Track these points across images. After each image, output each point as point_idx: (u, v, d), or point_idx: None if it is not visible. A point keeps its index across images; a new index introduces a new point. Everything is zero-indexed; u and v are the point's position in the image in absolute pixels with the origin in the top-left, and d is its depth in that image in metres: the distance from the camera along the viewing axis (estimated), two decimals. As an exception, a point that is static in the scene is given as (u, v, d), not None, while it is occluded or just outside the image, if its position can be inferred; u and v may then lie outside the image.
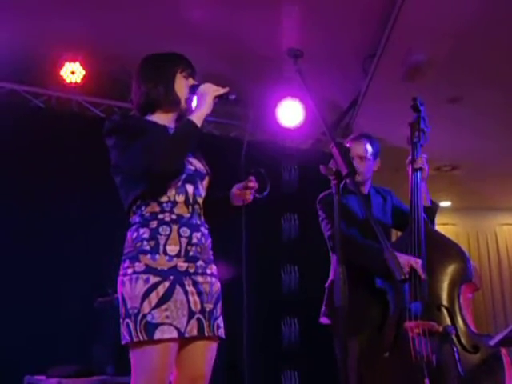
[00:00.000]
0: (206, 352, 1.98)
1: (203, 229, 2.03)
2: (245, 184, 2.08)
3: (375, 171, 3.10)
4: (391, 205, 3.13)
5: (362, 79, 4.50)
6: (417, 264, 2.66)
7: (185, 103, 2.11)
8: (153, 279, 1.86)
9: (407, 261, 2.64)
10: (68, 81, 4.32)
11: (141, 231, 1.94)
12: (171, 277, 1.88)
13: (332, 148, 1.75)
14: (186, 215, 1.98)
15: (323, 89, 4.04)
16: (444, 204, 7.09)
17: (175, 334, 1.85)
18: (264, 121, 4.82)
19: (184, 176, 2.00)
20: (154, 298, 1.84)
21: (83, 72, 4.32)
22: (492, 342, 2.45)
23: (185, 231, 1.95)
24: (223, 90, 2.06)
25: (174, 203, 1.97)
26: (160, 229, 1.93)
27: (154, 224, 1.94)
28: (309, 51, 1.99)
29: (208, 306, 1.96)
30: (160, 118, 2.09)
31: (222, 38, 3.98)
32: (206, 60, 3.20)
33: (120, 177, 2.02)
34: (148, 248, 1.90)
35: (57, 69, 4.31)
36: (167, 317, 1.84)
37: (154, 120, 2.08)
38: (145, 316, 1.83)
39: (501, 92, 4.49)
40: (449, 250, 2.85)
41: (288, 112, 4.86)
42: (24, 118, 4.18)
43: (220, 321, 2.00)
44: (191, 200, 2.01)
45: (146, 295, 1.84)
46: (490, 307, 7.31)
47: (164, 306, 1.84)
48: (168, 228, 1.94)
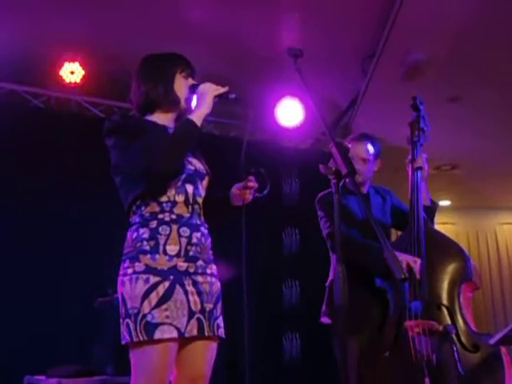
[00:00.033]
0: (206, 352, 1.98)
1: (203, 229, 2.03)
2: (244, 184, 2.08)
3: (375, 171, 3.10)
4: (390, 204, 3.12)
5: (362, 79, 4.50)
6: (415, 263, 2.66)
7: (184, 103, 2.11)
8: (153, 279, 1.86)
9: (405, 260, 2.64)
10: (67, 81, 4.32)
11: (141, 231, 1.94)
12: (171, 277, 1.89)
13: (331, 147, 1.75)
14: (186, 215, 1.98)
15: (323, 88, 4.04)
16: (444, 203, 7.09)
17: (175, 334, 1.85)
18: (264, 120, 4.82)
19: (184, 176, 2.00)
20: (154, 298, 1.84)
21: (83, 72, 4.32)
22: (492, 341, 2.46)
23: (185, 231, 1.95)
24: (223, 90, 2.06)
25: (174, 203, 1.97)
26: (160, 229, 1.93)
27: (154, 224, 1.94)
28: (308, 51, 1.99)
29: (208, 306, 1.96)
30: (159, 118, 2.09)
31: (222, 38, 3.98)
32: (206, 60, 3.19)
33: (120, 177, 2.02)
34: (148, 248, 1.91)
35: (56, 69, 4.31)
36: (167, 317, 1.84)
37: (154, 120, 2.08)
38: (145, 316, 1.83)
39: (500, 91, 4.49)
40: (449, 249, 2.85)
41: (287, 112, 4.86)
42: (24, 119, 4.18)
43: (220, 321, 2.01)
44: (191, 200, 2.01)
45: (146, 295, 1.85)
46: (490, 306, 7.31)
47: (164, 306, 1.84)
48: (168, 228, 1.94)
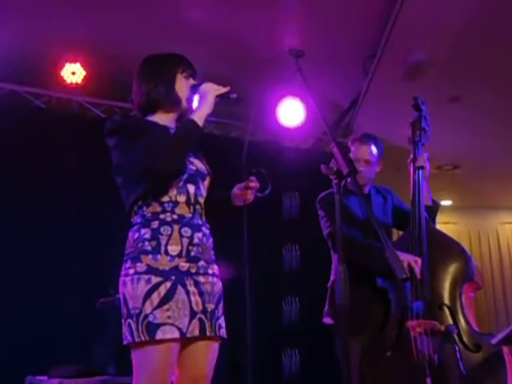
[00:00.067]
0: (208, 352, 1.98)
1: (204, 229, 2.03)
2: (246, 184, 2.08)
3: (377, 172, 3.10)
4: (392, 204, 3.12)
5: (363, 79, 4.50)
6: (416, 263, 2.66)
7: (185, 103, 2.11)
8: (154, 279, 1.86)
9: (406, 260, 2.64)
10: (69, 81, 4.32)
11: (142, 231, 1.94)
12: (173, 277, 1.88)
13: (333, 147, 1.75)
14: (188, 215, 1.98)
15: (324, 88, 4.04)
16: (445, 203, 7.08)
17: (177, 334, 1.85)
18: (265, 120, 4.82)
19: (185, 176, 2.00)
20: (156, 299, 1.84)
21: (84, 72, 4.32)
22: (494, 341, 2.46)
23: (186, 231, 1.95)
24: (224, 89, 2.07)
25: (176, 203, 1.97)
26: (161, 229, 1.93)
27: (156, 224, 1.94)
28: (309, 51, 1.99)
29: (210, 306, 1.96)
30: (161, 119, 2.09)
31: (223, 38, 3.98)
32: (207, 60, 3.19)
33: (121, 177, 2.02)
34: (149, 248, 1.90)
35: (57, 69, 4.31)
36: (169, 317, 1.84)
37: (155, 120, 2.08)
38: (147, 316, 1.83)
39: (501, 91, 4.49)
40: (450, 249, 2.84)
41: (289, 112, 4.85)
42: (25, 119, 4.18)
43: (222, 321, 2.00)
44: (192, 200, 2.00)
45: (148, 295, 1.85)
46: (492, 306, 7.31)
47: (166, 306, 1.84)
48: (169, 228, 1.93)
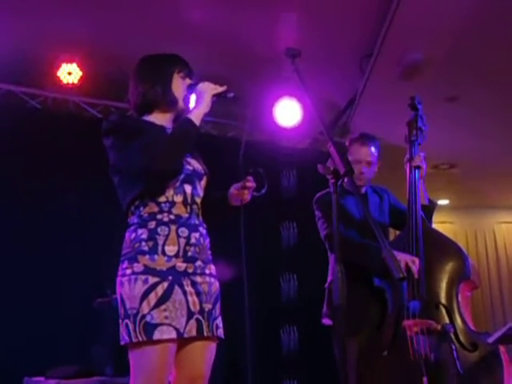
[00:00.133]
0: (205, 352, 1.98)
1: (201, 229, 2.03)
2: (243, 184, 2.08)
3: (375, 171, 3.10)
4: (388, 204, 3.12)
5: (360, 78, 4.50)
6: (413, 262, 2.66)
7: (182, 103, 2.11)
8: (151, 280, 1.86)
9: (403, 259, 2.64)
10: (65, 82, 4.31)
11: (139, 232, 1.94)
12: (170, 277, 1.88)
13: (330, 147, 1.76)
14: (185, 215, 1.98)
15: (321, 88, 4.04)
16: (442, 202, 7.09)
17: (174, 335, 1.85)
18: (262, 120, 4.81)
19: (182, 176, 2.00)
20: (153, 299, 1.84)
21: (80, 73, 4.31)
22: (490, 340, 2.47)
23: (183, 231, 1.95)
24: (221, 89, 2.07)
25: (173, 203, 1.97)
26: (158, 229, 1.93)
27: (153, 224, 1.93)
28: (306, 51, 1.99)
29: (207, 306, 1.96)
30: (157, 119, 2.09)
31: (220, 38, 3.97)
32: (204, 60, 3.19)
33: (118, 177, 2.01)
34: (146, 248, 1.90)
35: (54, 70, 4.30)
36: (166, 317, 1.84)
37: (152, 120, 2.08)
38: (144, 316, 1.83)
39: (498, 91, 4.50)
40: (447, 248, 2.85)
41: (286, 111, 4.85)
42: (21, 119, 4.17)
43: (219, 321, 2.01)
44: (189, 200, 2.00)
45: (145, 296, 1.84)
46: (489, 305, 7.32)
47: (163, 307, 1.84)
48: (166, 228, 1.93)
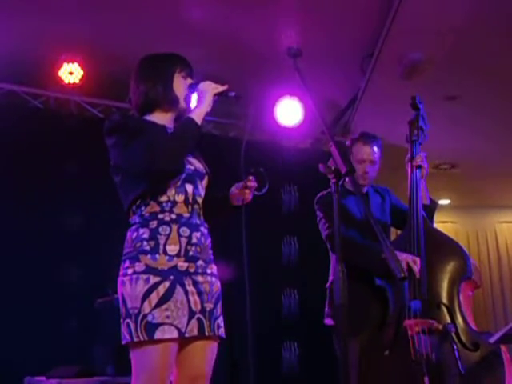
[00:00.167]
0: (207, 352, 1.99)
1: (203, 228, 2.03)
2: (244, 183, 2.07)
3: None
4: (389, 203, 3.12)
5: (361, 78, 4.50)
6: (415, 262, 2.66)
7: (183, 103, 2.11)
8: (153, 279, 1.86)
9: (405, 259, 2.64)
10: (66, 81, 4.31)
11: (140, 231, 1.94)
12: (171, 277, 1.89)
13: (331, 147, 1.75)
14: (186, 215, 1.98)
15: (322, 88, 4.04)
16: (443, 202, 7.08)
17: (176, 334, 1.85)
18: (263, 120, 4.82)
19: (183, 176, 2.00)
20: (155, 298, 1.85)
21: (81, 72, 4.31)
22: (492, 340, 2.46)
23: (184, 231, 1.95)
24: (222, 88, 2.07)
25: (174, 203, 1.97)
26: (160, 229, 1.93)
27: (154, 224, 1.94)
28: (307, 50, 1.99)
29: (208, 306, 1.96)
30: (159, 118, 2.09)
31: (221, 38, 3.98)
32: (205, 60, 3.19)
33: (120, 176, 2.01)
34: (148, 248, 1.90)
35: (55, 69, 4.30)
36: (167, 317, 1.84)
37: (153, 120, 2.08)
38: (145, 316, 1.83)
39: (499, 90, 4.50)
40: (448, 248, 2.85)
41: (287, 111, 4.85)
42: (23, 119, 4.18)
43: (220, 320, 2.01)
44: (191, 200, 2.01)
45: (147, 295, 1.85)
46: (490, 305, 7.31)
47: (164, 306, 1.85)
48: (168, 228, 1.94)
